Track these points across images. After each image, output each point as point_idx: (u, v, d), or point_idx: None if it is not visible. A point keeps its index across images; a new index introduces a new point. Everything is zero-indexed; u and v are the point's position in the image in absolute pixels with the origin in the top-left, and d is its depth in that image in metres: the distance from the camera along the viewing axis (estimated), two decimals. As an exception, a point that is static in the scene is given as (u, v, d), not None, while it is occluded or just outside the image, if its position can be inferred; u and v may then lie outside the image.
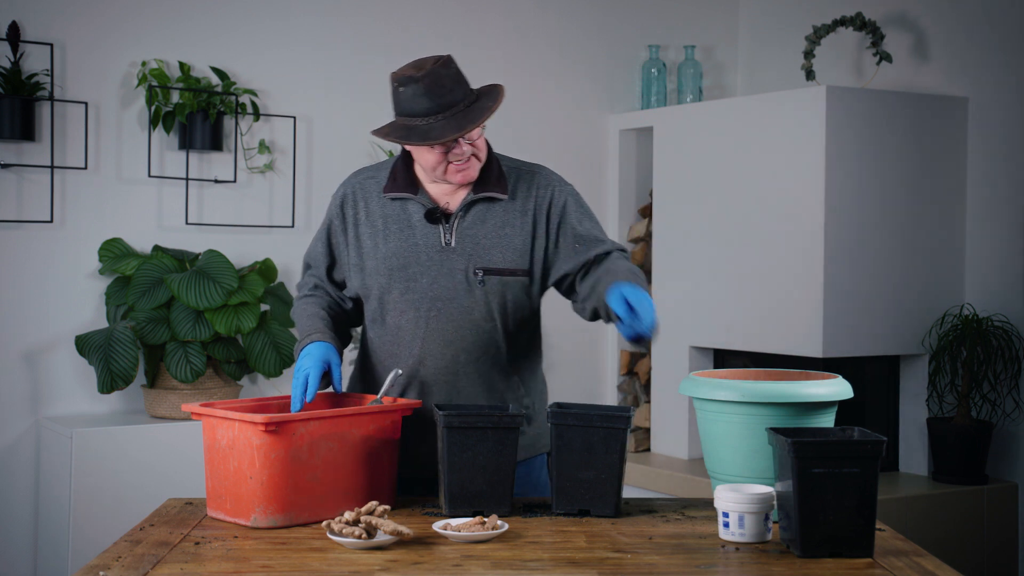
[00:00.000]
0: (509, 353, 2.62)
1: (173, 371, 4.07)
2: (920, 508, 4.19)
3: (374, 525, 2.11)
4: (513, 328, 2.61)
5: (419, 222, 2.58)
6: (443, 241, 2.57)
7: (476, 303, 2.56)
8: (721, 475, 2.38)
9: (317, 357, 2.52)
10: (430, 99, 2.46)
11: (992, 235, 4.45)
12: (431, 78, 2.46)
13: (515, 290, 2.59)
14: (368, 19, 4.77)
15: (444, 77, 2.47)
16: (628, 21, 5.32)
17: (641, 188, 5.29)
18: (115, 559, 2.05)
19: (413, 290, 2.57)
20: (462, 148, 2.50)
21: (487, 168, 2.60)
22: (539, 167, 2.69)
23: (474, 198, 2.58)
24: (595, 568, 2.01)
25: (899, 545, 2.18)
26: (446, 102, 2.47)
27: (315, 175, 4.68)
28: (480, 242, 2.57)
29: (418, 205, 2.59)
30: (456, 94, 2.49)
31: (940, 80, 4.62)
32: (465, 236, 2.57)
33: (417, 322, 2.57)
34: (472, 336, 2.57)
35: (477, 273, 2.56)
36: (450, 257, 2.57)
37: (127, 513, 3.68)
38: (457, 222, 2.58)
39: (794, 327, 4.38)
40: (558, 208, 2.62)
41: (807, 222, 4.33)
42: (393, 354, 2.62)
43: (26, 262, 4.19)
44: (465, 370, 2.58)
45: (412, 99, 2.47)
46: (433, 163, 2.52)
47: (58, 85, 4.21)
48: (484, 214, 2.59)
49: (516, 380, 2.64)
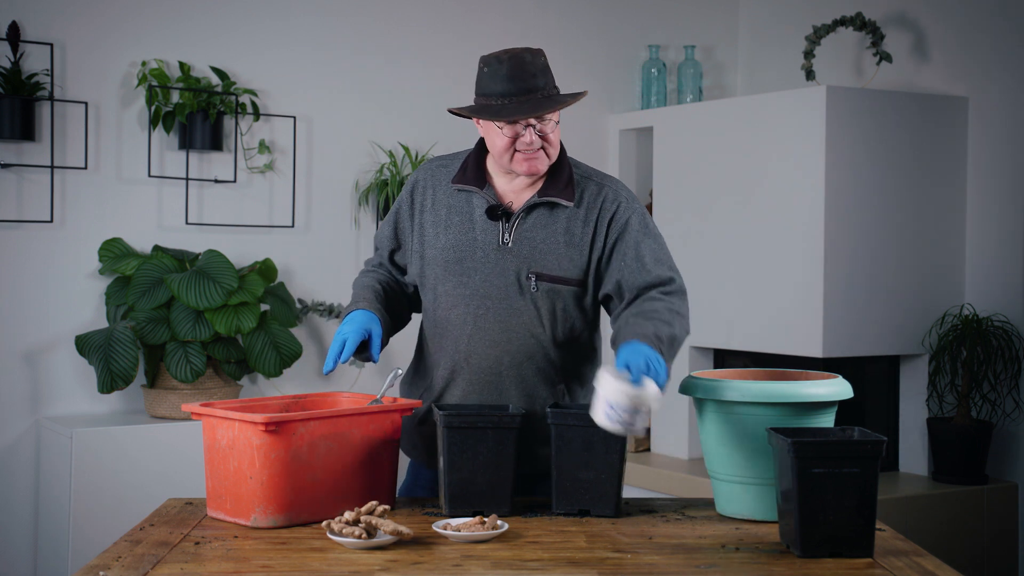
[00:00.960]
0: (557, 362, 2.57)
1: (173, 371, 4.07)
2: (920, 508, 4.19)
3: (374, 525, 2.11)
4: (562, 337, 2.57)
5: (480, 217, 2.56)
6: (501, 240, 2.55)
7: (526, 306, 2.53)
8: (721, 475, 2.38)
9: (358, 323, 2.50)
10: (510, 81, 2.46)
11: (992, 235, 4.45)
12: (515, 61, 2.46)
13: (567, 299, 2.55)
14: (368, 19, 4.77)
15: (529, 64, 2.47)
16: (628, 21, 5.32)
17: (641, 188, 5.29)
18: (115, 559, 2.05)
19: (466, 285, 2.55)
20: (532, 137, 2.48)
21: (558, 171, 2.57)
22: (612, 179, 2.64)
23: (538, 200, 2.54)
24: (595, 568, 2.01)
25: (899, 545, 2.18)
26: (526, 87, 2.46)
27: (315, 175, 4.68)
28: (537, 246, 2.53)
29: (482, 200, 2.57)
30: (538, 81, 2.48)
31: (940, 80, 4.62)
32: (523, 238, 2.54)
33: (465, 318, 2.55)
34: (519, 340, 2.54)
35: (530, 277, 2.53)
36: (505, 257, 2.54)
37: (127, 513, 3.68)
38: (517, 222, 2.55)
39: (794, 327, 4.38)
40: (619, 224, 2.56)
41: (807, 222, 4.33)
42: (440, 347, 2.60)
43: (26, 262, 4.19)
44: (508, 373, 2.54)
45: (493, 79, 2.48)
46: (501, 148, 2.49)
47: (58, 85, 4.21)
48: (546, 218, 2.55)
49: (562, 390, 2.59)
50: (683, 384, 2.46)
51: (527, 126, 2.47)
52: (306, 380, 4.54)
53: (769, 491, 2.33)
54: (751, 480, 2.34)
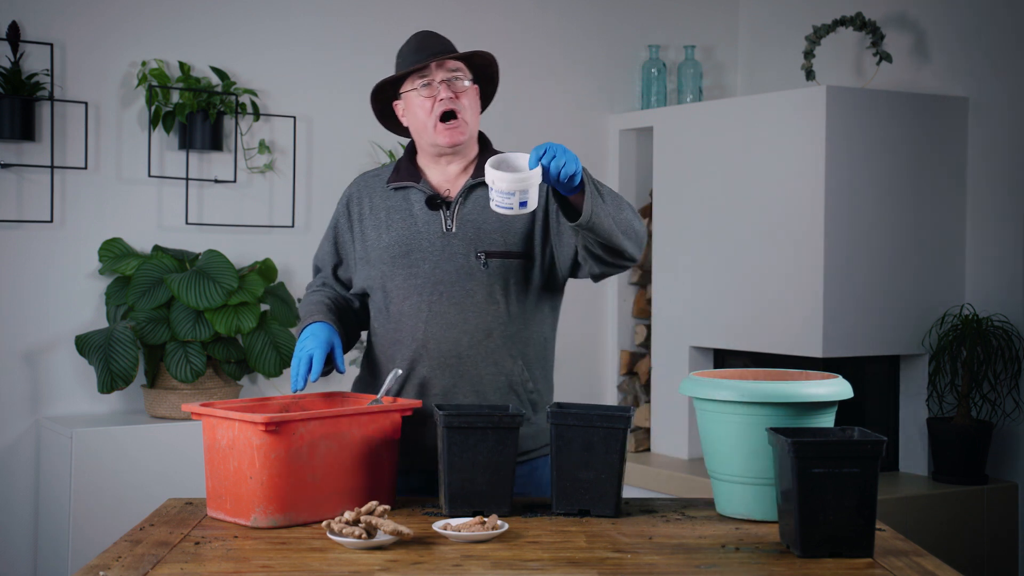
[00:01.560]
0: (514, 336, 2.63)
1: (173, 371, 4.07)
2: (920, 508, 4.19)
3: (374, 525, 2.11)
4: (516, 311, 2.62)
5: (420, 210, 2.64)
6: (444, 227, 2.62)
7: (479, 286, 2.59)
8: (721, 475, 2.38)
9: (321, 338, 2.56)
10: (418, 51, 2.62)
11: (992, 235, 4.45)
12: (422, 35, 2.66)
13: (517, 273, 2.62)
14: (368, 19, 4.77)
15: (435, 37, 2.66)
16: (628, 21, 5.32)
17: (641, 188, 5.29)
18: (115, 559, 2.05)
19: (415, 275, 2.60)
20: (446, 93, 2.59)
21: (484, 154, 2.69)
22: None
23: (473, 183, 2.64)
24: (595, 568, 2.01)
25: (899, 545, 2.18)
26: (436, 50, 2.62)
27: (315, 175, 4.68)
28: (481, 226, 2.61)
29: (419, 193, 2.65)
30: (446, 45, 2.64)
31: (940, 80, 4.62)
32: (466, 221, 2.62)
33: (419, 307, 2.60)
34: (475, 319, 2.59)
35: (479, 256, 2.59)
36: (452, 243, 2.61)
37: (127, 513, 3.68)
38: (458, 208, 2.63)
39: (794, 327, 4.38)
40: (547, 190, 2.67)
41: (807, 222, 4.33)
42: (397, 340, 2.63)
43: (26, 262, 4.19)
44: (468, 352, 2.59)
45: (406, 52, 2.64)
46: (423, 117, 2.61)
47: (58, 85, 4.21)
48: (484, 199, 2.62)
49: (521, 364, 2.64)
50: (683, 384, 2.45)
51: (441, 82, 2.60)
52: (306, 380, 4.54)
53: (769, 491, 2.32)
54: (751, 480, 2.34)
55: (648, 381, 5.19)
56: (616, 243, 2.48)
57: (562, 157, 2.34)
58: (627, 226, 2.50)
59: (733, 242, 4.64)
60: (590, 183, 2.41)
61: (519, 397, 2.63)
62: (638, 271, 5.25)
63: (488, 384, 2.60)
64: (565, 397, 5.09)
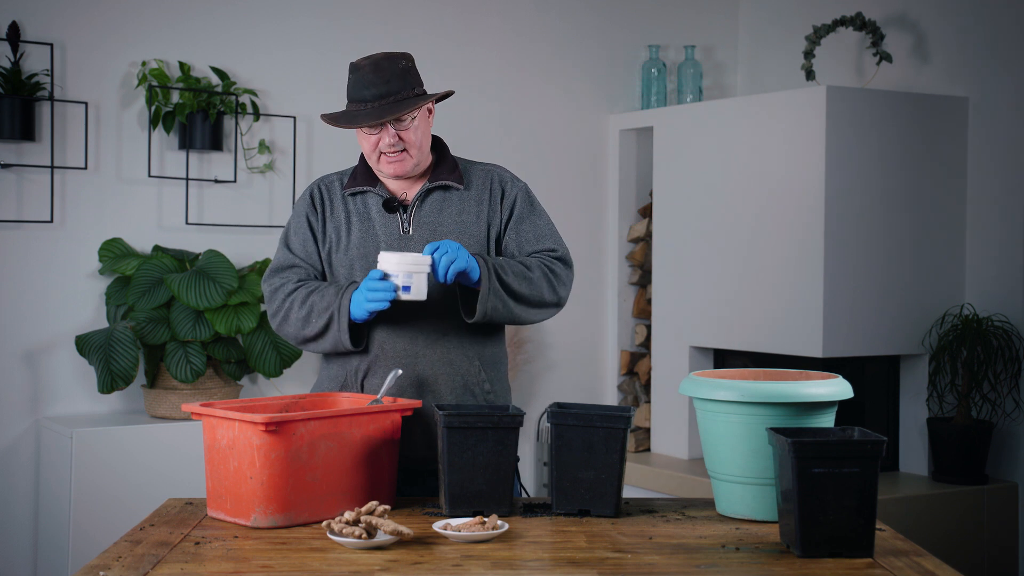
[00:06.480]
0: (469, 337, 2.66)
1: (173, 371, 4.07)
2: (920, 508, 4.20)
3: (374, 525, 2.11)
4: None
5: (378, 214, 2.68)
6: (401, 230, 2.67)
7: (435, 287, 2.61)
8: (721, 475, 2.38)
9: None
10: (367, 87, 2.59)
11: (992, 235, 4.45)
12: (372, 68, 2.59)
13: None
14: (368, 20, 4.77)
15: (386, 70, 2.59)
16: (628, 21, 5.32)
17: (641, 188, 5.29)
18: (115, 559, 2.05)
19: None
20: (391, 139, 2.60)
21: (442, 161, 2.72)
22: (493, 164, 2.80)
23: (430, 187, 2.69)
24: (595, 568, 2.01)
25: (899, 545, 2.18)
26: (381, 92, 2.58)
27: (315, 175, 4.67)
28: (437, 229, 2.66)
29: (377, 197, 2.70)
30: (392, 86, 2.59)
31: (940, 80, 4.62)
32: (422, 223, 2.67)
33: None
34: (432, 320, 2.64)
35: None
36: (408, 245, 2.66)
37: (127, 513, 3.68)
38: (415, 211, 2.68)
39: (794, 327, 4.38)
40: (508, 203, 2.72)
41: (807, 222, 4.33)
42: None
43: (26, 262, 4.19)
44: (424, 352, 2.63)
45: (354, 86, 2.62)
46: (368, 151, 2.65)
47: (58, 85, 4.21)
48: (441, 203, 2.68)
49: (478, 365, 2.68)
50: (683, 384, 2.45)
51: (383, 128, 2.60)
52: (306, 380, 4.54)
53: (769, 491, 2.33)
54: (751, 480, 2.34)
55: (648, 381, 5.19)
56: (521, 322, 2.64)
57: (453, 254, 2.47)
58: (539, 299, 2.61)
59: (733, 242, 4.64)
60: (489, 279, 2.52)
61: (475, 398, 2.67)
62: (638, 271, 5.25)
63: (444, 385, 2.64)
64: (565, 397, 5.09)
